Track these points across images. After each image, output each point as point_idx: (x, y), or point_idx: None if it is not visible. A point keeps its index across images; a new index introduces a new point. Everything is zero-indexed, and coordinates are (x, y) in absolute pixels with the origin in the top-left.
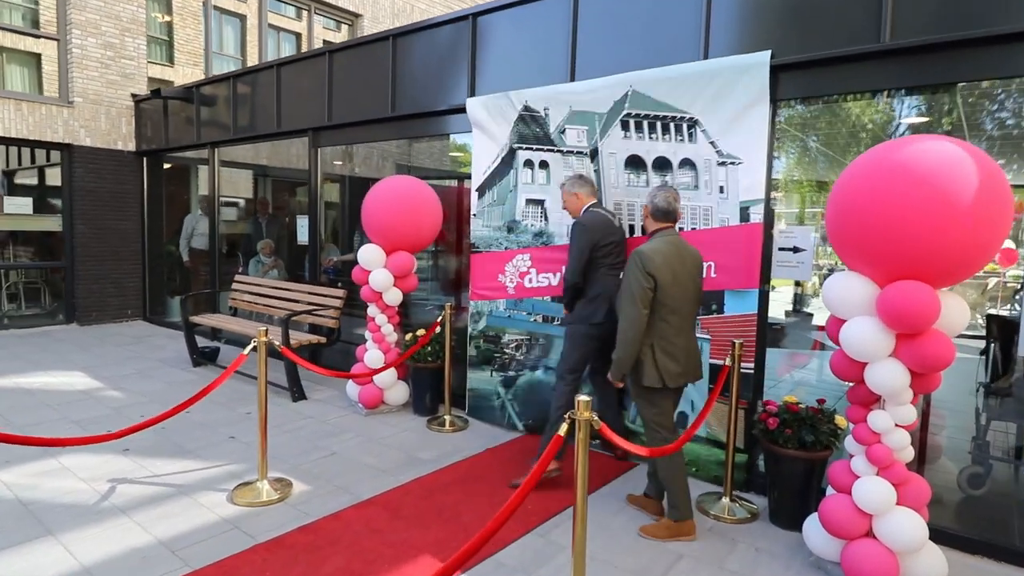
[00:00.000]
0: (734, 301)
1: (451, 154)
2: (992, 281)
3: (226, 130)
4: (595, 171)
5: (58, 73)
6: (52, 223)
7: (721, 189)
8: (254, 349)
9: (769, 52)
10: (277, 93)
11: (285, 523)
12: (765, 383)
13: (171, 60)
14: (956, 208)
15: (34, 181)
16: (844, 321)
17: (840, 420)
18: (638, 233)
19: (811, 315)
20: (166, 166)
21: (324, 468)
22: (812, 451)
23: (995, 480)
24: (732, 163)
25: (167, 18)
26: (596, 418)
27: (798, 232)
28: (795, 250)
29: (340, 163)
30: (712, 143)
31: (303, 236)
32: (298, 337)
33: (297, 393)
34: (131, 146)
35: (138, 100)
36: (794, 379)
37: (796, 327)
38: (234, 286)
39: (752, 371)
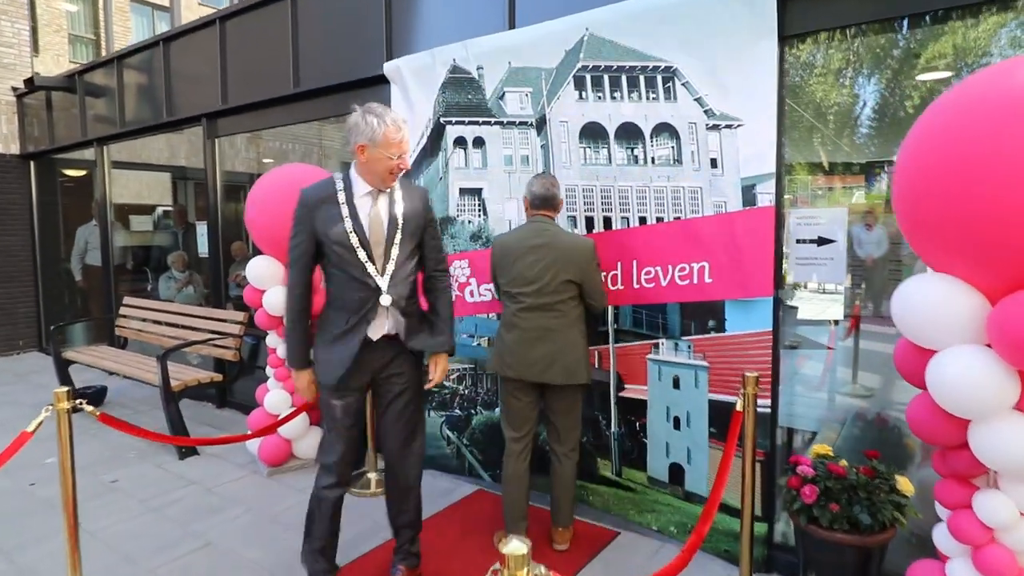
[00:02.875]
0: (738, 315)
1: None
2: None
3: (113, 123)
4: (542, 146)
5: None
6: None
7: (714, 162)
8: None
9: None
10: (166, 75)
11: None
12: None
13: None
14: None
15: None
16: (930, 353)
17: (905, 484)
18: (599, 227)
19: (794, 308)
20: (69, 172)
21: (185, 573)
22: (869, 535)
23: None
24: (728, 126)
25: (69, 6)
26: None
27: (824, 216)
28: (821, 241)
29: (272, 160)
30: (698, 100)
31: (203, 247)
32: (182, 376)
33: (185, 448)
34: (14, 148)
35: (19, 94)
36: (800, 400)
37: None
38: (122, 310)
39: (768, 410)
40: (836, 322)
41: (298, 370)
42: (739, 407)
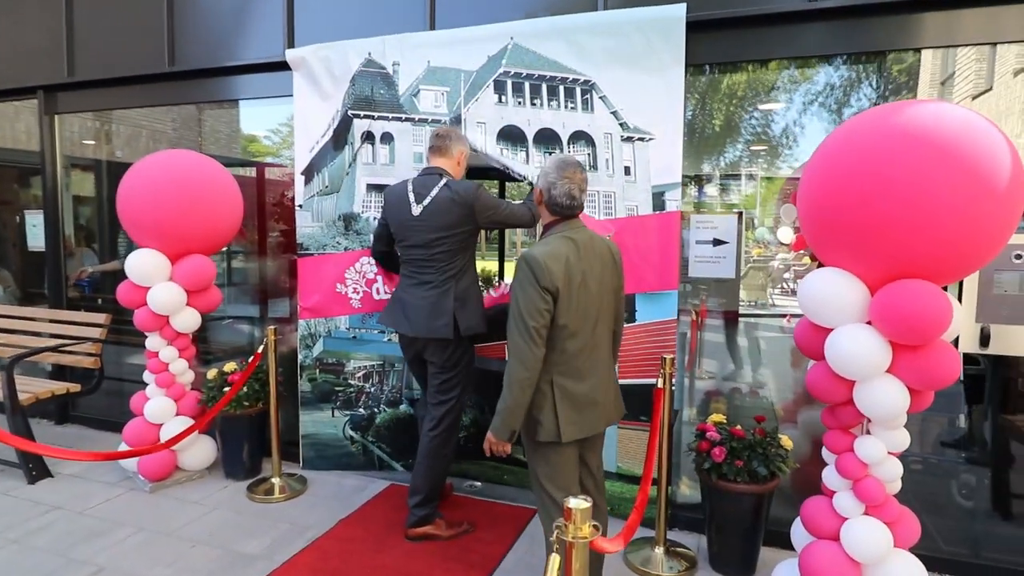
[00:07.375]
0: (648, 306)
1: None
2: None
3: None
4: None
5: None
6: None
7: (627, 170)
8: None
9: (684, 5)
10: None
11: None
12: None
13: None
14: (989, 185)
15: None
16: (826, 330)
17: (786, 441)
18: None
19: None
20: None
21: None
22: (764, 484)
23: None
24: (641, 139)
25: None
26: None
27: (719, 221)
28: (716, 243)
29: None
30: (614, 113)
31: (35, 239)
32: (32, 388)
33: (35, 471)
34: None
35: None
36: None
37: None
38: None
39: (673, 389)
40: (697, 316)
41: None
42: (660, 384)
